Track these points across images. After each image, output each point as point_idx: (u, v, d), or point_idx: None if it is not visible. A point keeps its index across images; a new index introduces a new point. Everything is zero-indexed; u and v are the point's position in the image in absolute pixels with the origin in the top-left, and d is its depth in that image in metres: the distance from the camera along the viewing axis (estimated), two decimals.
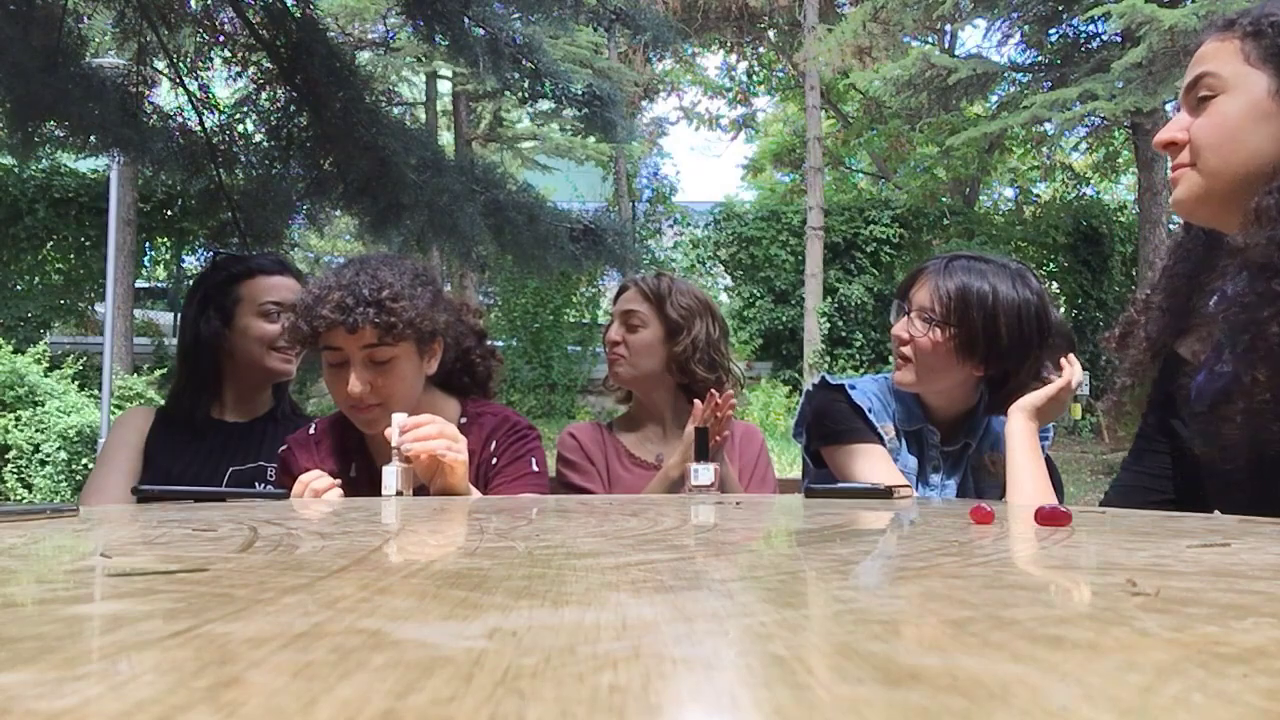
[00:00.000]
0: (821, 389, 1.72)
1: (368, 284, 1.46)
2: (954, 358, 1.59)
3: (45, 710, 0.23)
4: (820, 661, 0.28)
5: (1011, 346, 1.58)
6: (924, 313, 1.61)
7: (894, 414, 1.68)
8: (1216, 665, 0.28)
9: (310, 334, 1.48)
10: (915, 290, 1.65)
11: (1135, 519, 0.94)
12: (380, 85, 4.01)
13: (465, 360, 1.70)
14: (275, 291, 1.88)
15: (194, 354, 1.89)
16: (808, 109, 15.13)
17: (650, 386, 1.96)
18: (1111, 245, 14.88)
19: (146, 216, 12.94)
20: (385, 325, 1.45)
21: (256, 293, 1.88)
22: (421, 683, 0.25)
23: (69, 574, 0.54)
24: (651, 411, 1.99)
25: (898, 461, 1.65)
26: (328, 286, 1.48)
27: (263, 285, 1.89)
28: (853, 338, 13.77)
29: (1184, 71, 1.16)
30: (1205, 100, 1.11)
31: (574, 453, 1.93)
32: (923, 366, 1.62)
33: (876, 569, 0.56)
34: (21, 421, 9.22)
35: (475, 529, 0.81)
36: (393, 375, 1.50)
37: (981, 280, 1.58)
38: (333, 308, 1.44)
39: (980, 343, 1.58)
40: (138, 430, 1.88)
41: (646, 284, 1.97)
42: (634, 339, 1.93)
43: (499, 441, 1.61)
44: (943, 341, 1.59)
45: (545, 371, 13.99)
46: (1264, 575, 0.51)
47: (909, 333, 1.62)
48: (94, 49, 3.98)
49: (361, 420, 1.53)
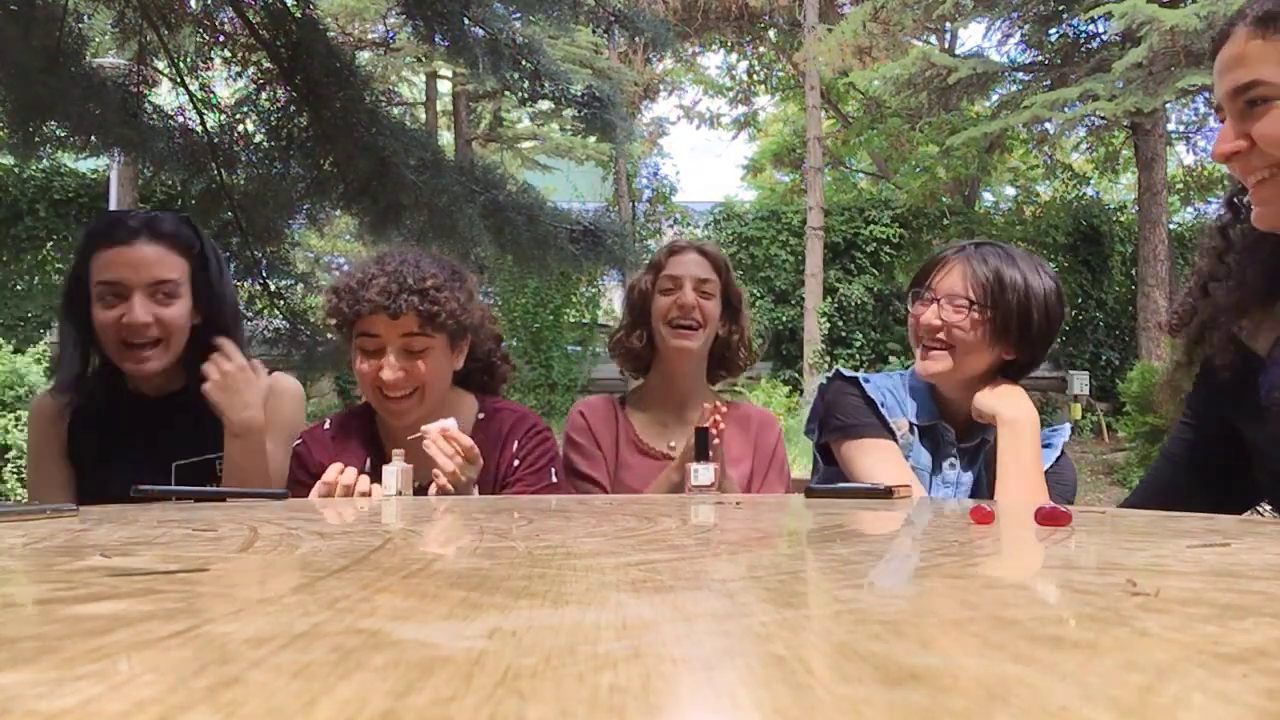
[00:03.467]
0: (835, 380, 1.71)
1: (411, 273, 1.48)
2: (988, 342, 1.59)
3: (45, 710, 0.23)
4: (820, 661, 0.28)
5: (1040, 332, 1.60)
6: (957, 299, 1.60)
7: (909, 410, 1.67)
8: (1216, 665, 0.28)
9: (351, 317, 1.49)
10: (939, 278, 1.63)
11: (1135, 519, 0.94)
12: (380, 85, 4.01)
13: (486, 361, 1.72)
14: (112, 269, 1.51)
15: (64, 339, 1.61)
16: (808, 109, 15.12)
17: (696, 364, 1.86)
18: (1111, 245, 14.87)
19: None
20: (428, 314, 1.47)
21: (95, 270, 1.53)
22: (421, 683, 0.25)
23: (69, 574, 0.54)
24: (672, 391, 1.87)
25: (910, 457, 1.63)
26: (370, 273, 1.49)
27: (100, 261, 1.51)
28: (853, 338, 13.76)
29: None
30: (1258, 105, 1.06)
31: (582, 434, 1.85)
32: (961, 355, 1.60)
33: (877, 569, 0.56)
34: (21, 421, 9.21)
35: (475, 529, 0.81)
36: (427, 365, 1.51)
37: (1013, 266, 1.60)
38: (378, 291, 1.45)
39: (1014, 327, 1.58)
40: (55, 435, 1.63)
41: (712, 252, 1.86)
42: (708, 308, 1.81)
43: (520, 443, 1.62)
44: (981, 325, 1.59)
45: (545, 371, 13.99)
46: (1264, 575, 0.51)
47: (941, 319, 1.61)
48: (94, 49, 3.97)
49: (389, 409, 1.53)
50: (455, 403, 1.62)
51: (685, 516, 0.92)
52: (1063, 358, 14.67)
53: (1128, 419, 7.48)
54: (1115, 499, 10.30)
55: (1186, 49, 10.03)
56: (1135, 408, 7.27)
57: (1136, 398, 7.25)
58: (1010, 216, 16.59)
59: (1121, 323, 14.70)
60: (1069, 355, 14.63)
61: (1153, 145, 12.47)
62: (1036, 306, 1.59)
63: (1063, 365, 14.53)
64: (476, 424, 1.63)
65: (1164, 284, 12.60)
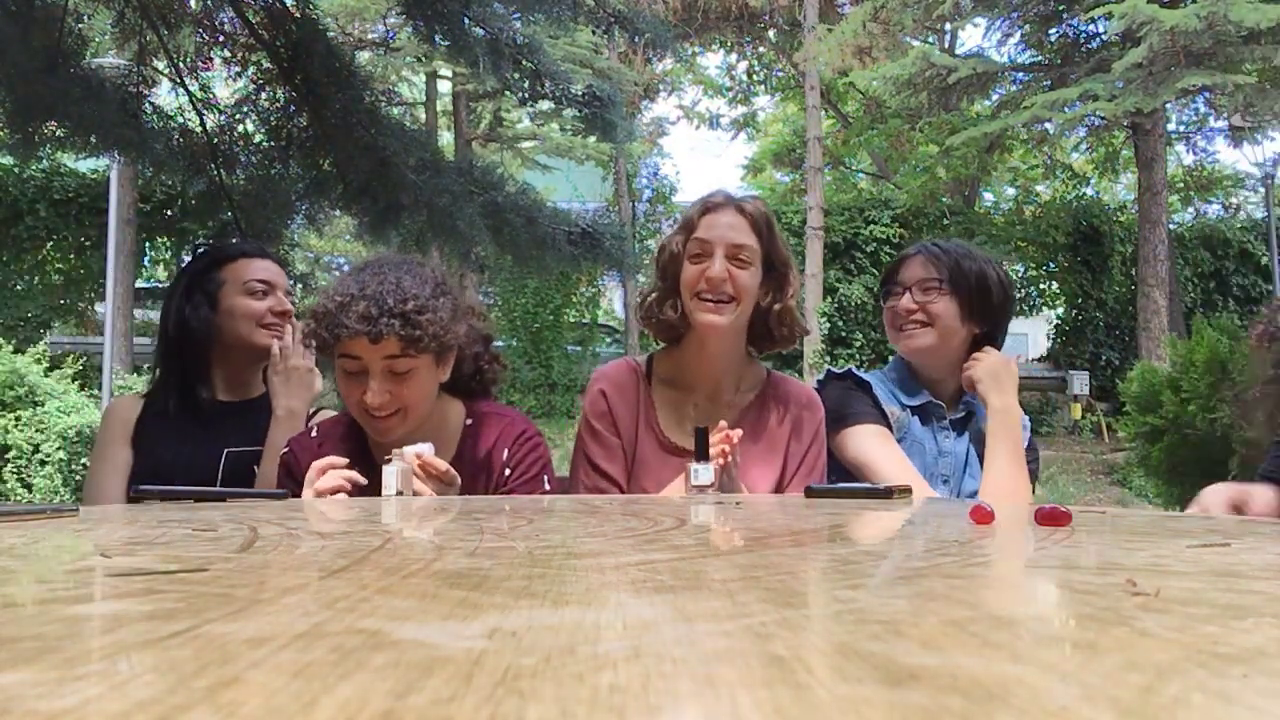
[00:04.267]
0: (828, 381, 1.86)
1: (392, 294, 1.43)
2: (960, 316, 1.81)
3: (45, 710, 0.23)
4: (820, 661, 0.28)
5: (998, 303, 1.83)
6: (925, 282, 1.81)
7: (896, 397, 1.84)
8: (1216, 665, 0.28)
9: (330, 341, 1.46)
10: (904, 272, 1.85)
11: (1135, 519, 0.94)
12: (380, 85, 4.00)
13: (474, 365, 1.67)
14: (260, 271, 1.93)
15: (179, 342, 1.89)
16: (808, 109, 15.12)
17: (731, 340, 1.65)
18: (1111, 245, 14.88)
19: (146, 216, 12.94)
20: (410, 338, 1.43)
21: (241, 273, 1.91)
22: (421, 683, 0.25)
23: (69, 574, 0.54)
24: (704, 369, 1.67)
25: (908, 435, 1.79)
26: (350, 294, 1.44)
27: (247, 266, 1.92)
28: (853, 338, 13.77)
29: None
30: None
31: (601, 419, 1.67)
32: (941, 330, 1.81)
33: (876, 569, 0.56)
34: (21, 421, 9.21)
35: (475, 529, 0.81)
36: (412, 385, 1.48)
37: (965, 251, 1.85)
38: (357, 318, 1.41)
39: (975, 300, 1.80)
40: (124, 422, 1.88)
41: (752, 210, 1.61)
42: (744, 279, 1.58)
43: (510, 452, 1.59)
44: (950, 302, 1.80)
45: (545, 371, 14.00)
46: (1264, 575, 0.51)
47: (916, 302, 1.81)
48: (94, 49, 3.98)
49: (375, 428, 1.51)
50: (442, 412, 1.59)
51: (685, 516, 0.92)
52: (1063, 358, 14.67)
53: (1128, 419, 7.48)
54: (1115, 499, 10.31)
55: (1186, 49, 10.03)
56: (1135, 408, 7.28)
57: (1136, 398, 7.26)
58: (1010, 216, 16.60)
59: (1121, 323, 14.70)
60: (1069, 355, 14.63)
61: (1153, 145, 12.47)
62: (993, 283, 1.82)
63: (1063, 365, 14.53)
64: (464, 431, 1.60)
65: (1164, 284, 12.60)
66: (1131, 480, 10.38)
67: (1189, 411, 6.63)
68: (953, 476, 1.81)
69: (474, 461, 1.57)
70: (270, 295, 1.91)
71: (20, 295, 13.08)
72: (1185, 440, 6.73)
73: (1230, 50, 10.38)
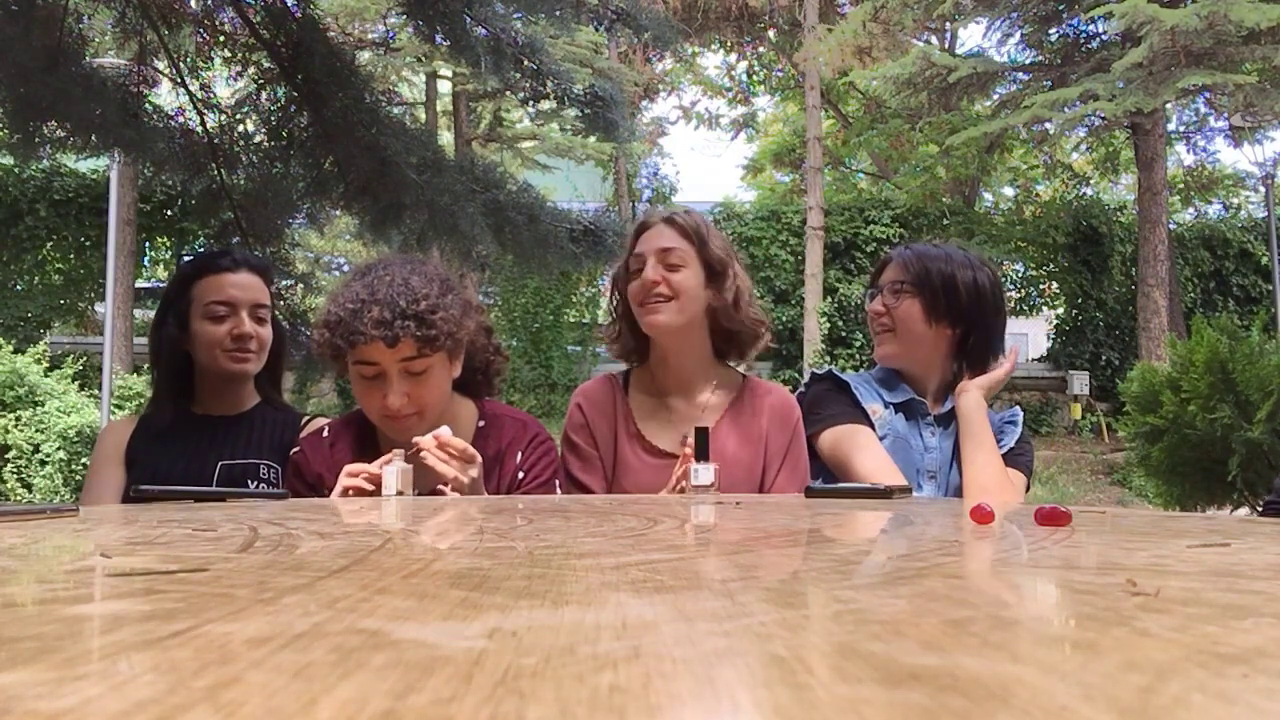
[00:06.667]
0: (811, 384, 1.88)
1: (403, 295, 1.43)
2: (925, 320, 1.80)
3: (45, 710, 0.22)
4: (820, 661, 0.28)
5: (970, 303, 1.80)
6: (892, 285, 1.83)
7: (879, 395, 1.84)
8: (1216, 665, 0.28)
9: (346, 349, 1.45)
10: (881, 275, 1.88)
11: (1135, 519, 0.94)
12: (380, 85, 4.01)
13: (480, 359, 1.68)
14: (221, 291, 1.84)
15: (160, 359, 1.88)
16: (808, 109, 15.13)
17: (688, 341, 1.72)
18: (1111, 245, 14.88)
19: (146, 216, 12.96)
20: (426, 338, 1.43)
21: (204, 293, 1.84)
22: (421, 683, 0.25)
23: (69, 574, 0.54)
24: (670, 374, 1.75)
25: (891, 434, 1.79)
26: (360, 300, 1.44)
27: (210, 286, 1.84)
28: (853, 338, 13.76)
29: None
30: None
31: (579, 432, 1.74)
32: (901, 334, 1.81)
33: (876, 569, 0.56)
34: (21, 421, 9.22)
35: (475, 529, 0.81)
36: (429, 384, 1.49)
37: (937, 250, 1.84)
38: (372, 323, 1.41)
39: (942, 301, 1.79)
40: (116, 443, 1.86)
41: (682, 220, 1.72)
42: (677, 279, 1.67)
43: (524, 455, 1.60)
44: (912, 304, 1.80)
45: (545, 371, 14.00)
46: (1264, 575, 0.51)
47: (884, 305, 1.83)
48: (94, 49, 3.98)
49: (395, 429, 1.51)
50: (455, 411, 1.60)
51: (685, 516, 0.92)
52: (1063, 358, 14.67)
53: (1128, 419, 7.48)
54: (1115, 499, 10.31)
55: (1187, 49, 10.03)
56: (1135, 408, 7.27)
57: (1136, 398, 7.25)
58: (1010, 216, 16.60)
59: (1121, 323, 14.70)
60: (1069, 355, 14.64)
61: (1153, 145, 12.48)
62: (963, 283, 1.79)
63: (1063, 365, 14.53)
64: (477, 432, 1.61)
65: (1164, 284, 12.60)
66: (1131, 480, 10.38)
67: (1189, 411, 6.62)
68: (939, 472, 1.82)
69: (488, 464, 1.57)
70: (231, 317, 1.82)
71: (20, 295, 13.09)
72: (1185, 440, 6.73)
73: (1230, 50, 10.39)
